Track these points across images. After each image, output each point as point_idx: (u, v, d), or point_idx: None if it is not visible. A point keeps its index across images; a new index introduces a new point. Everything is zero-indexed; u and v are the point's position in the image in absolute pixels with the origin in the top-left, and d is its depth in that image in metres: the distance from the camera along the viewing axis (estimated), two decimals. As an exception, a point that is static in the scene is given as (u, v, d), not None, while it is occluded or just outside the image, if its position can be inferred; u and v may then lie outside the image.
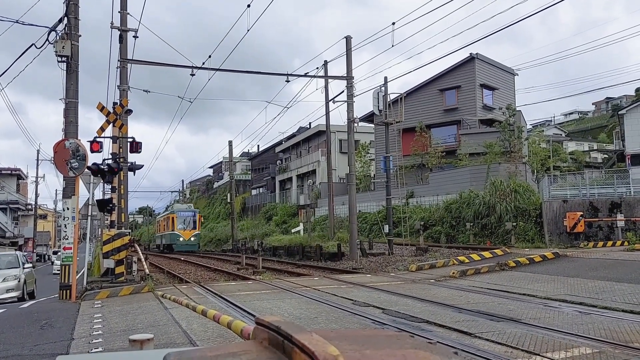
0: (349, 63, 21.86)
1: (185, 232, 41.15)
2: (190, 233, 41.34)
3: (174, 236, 41.23)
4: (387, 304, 9.89)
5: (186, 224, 41.66)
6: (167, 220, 44.08)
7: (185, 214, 42.29)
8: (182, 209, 44.66)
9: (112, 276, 14.36)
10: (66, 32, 13.74)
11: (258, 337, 1.17)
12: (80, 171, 13.39)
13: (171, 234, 41.74)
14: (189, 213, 42.70)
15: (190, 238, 41.21)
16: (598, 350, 6.13)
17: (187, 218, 41.98)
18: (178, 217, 41.73)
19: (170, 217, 42.56)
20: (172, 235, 41.39)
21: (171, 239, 41.65)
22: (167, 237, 43.18)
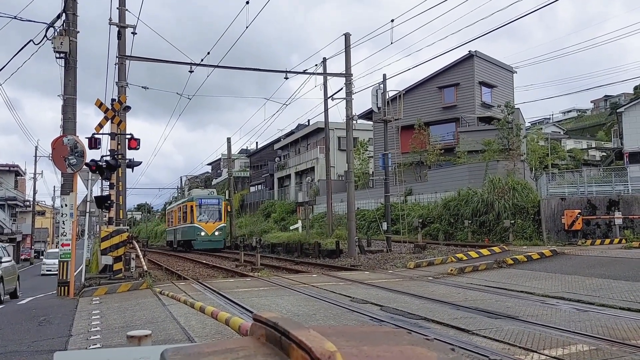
0: (348, 60, 21.83)
1: (208, 225, 33.45)
2: (214, 226, 33.51)
3: (193, 230, 33.48)
4: (385, 301, 9.90)
5: (209, 215, 34.05)
6: (184, 210, 36.16)
7: (208, 202, 34.54)
8: (204, 195, 36.49)
9: (111, 273, 14.35)
10: (64, 28, 13.71)
11: (256, 334, 1.17)
12: (78, 168, 13.38)
13: (190, 228, 34.12)
14: (213, 201, 34.96)
15: (215, 232, 33.33)
16: (595, 347, 6.15)
17: (210, 207, 34.32)
18: (199, 206, 33.89)
19: (189, 206, 34.56)
20: (191, 229, 33.72)
21: (190, 233, 34.00)
22: (185, 232, 35.63)
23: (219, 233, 33.77)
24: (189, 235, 34.16)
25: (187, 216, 34.75)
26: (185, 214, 35.45)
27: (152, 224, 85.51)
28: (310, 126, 48.18)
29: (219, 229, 33.82)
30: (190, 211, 34.24)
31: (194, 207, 33.84)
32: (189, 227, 34.44)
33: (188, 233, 34.52)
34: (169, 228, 44.45)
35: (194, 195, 37.01)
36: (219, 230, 33.85)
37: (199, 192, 39.81)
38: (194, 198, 35.09)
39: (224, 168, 61.87)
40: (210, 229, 33.40)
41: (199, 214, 33.73)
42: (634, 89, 57.35)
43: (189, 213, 34.39)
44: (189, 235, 34.16)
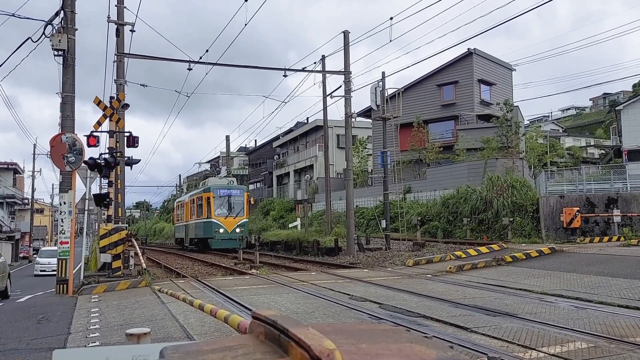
0: (347, 58, 21.82)
1: (228, 221, 28.06)
2: (234, 222, 28.14)
3: (209, 227, 28.12)
4: (384, 299, 9.91)
5: (229, 208, 28.62)
6: (198, 202, 30.62)
7: (227, 193, 29.11)
8: (222, 184, 30.65)
9: (109, 270, 14.35)
10: (62, 25, 13.68)
11: (254, 331, 1.18)
12: (77, 165, 13.37)
13: (205, 224, 28.69)
14: (234, 191, 29.40)
15: (235, 229, 27.93)
16: (594, 344, 6.17)
17: (230, 199, 28.94)
18: (216, 198, 28.48)
19: (204, 198, 29.07)
20: (207, 225, 28.36)
21: (205, 230, 28.64)
22: (199, 229, 30.23)
23: (241, 230, 28.15)
24: (205, 232, 28.66)
25: (203, 209, 29.20)
26: (200, 207, 29.83)
27: (150, 222, 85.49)
28: (309, 124, 48.16)
29: (240, 225, 28.30)
30: (206, 204, 28.60)
31: (210, 199, 28.17)
32: (204, 223, 28.84)
33: (203, 230, 29.02)
34: (179, 223, 38.29)
35: (211, 184, 30.41)
36: (241, 226, 28.33)
37: (216, 180, 33.03)
38: (210, 188, 29.02)
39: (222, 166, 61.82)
40: (230, 225, 27.94)
41: (216, 206, 28.25)
42: (633, 86, 57.40)
43: (205, 206, 28.76)
44: (205, 232, 28.66)
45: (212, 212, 28.06)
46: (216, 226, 27.85)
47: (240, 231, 28.06)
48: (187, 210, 33.88)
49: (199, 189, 32.66)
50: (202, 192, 29.99)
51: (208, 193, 28.73)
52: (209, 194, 28.53)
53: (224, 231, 27.68)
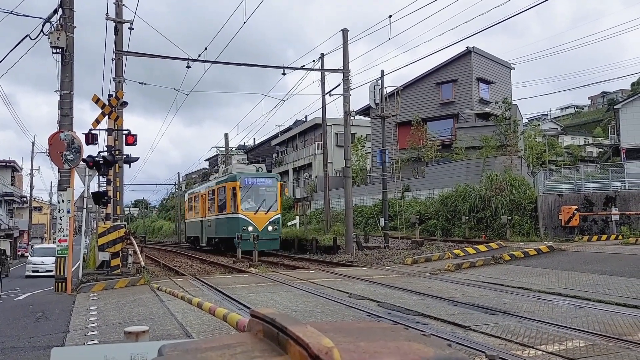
0: (346, 56, 21.81)
1: (259, 217, 23.16)
2: (266, 218, 23.34)
3: (236, 224, 22.90)
4: (383, 297, 9.92)
5: (259, 201, 23.66)
6: (220, 194, 25.33)
7: (257, 182, 24.01)
8: (250, 172, 25.30)
9: (108, 269, 14.34)
10: (61, 23, 13.66)
11: (253, 330, 1.18)
12: (75, 163, 13.36)
13: (230, 220, 23.55)
14: (265, 181, 24.40)
15: (267, 227, 23.16)
16: (592, 343, 6.18)
17: (261, 189, 23.94)
18: (244, 188, 23.40)
19: (229, 188, 24.01)
20: (233, 221, 23.16)
21: (231, 228, 23.33)
22: (221, 226, 24.98)
23: (274, 228, 23.37)
24: (230, 230, 23.22)
25: (226, 203, 24.15)
26: (223, 199, 24.81)
27: (149, 220, 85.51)
28: (308, 122, 48.15)
29: (273, 222, 23.43)
30: (231, 195, 23.65)
31: (237, 190, 23.09)
32: (229, 219, 23.69)
33: (228, 228, 23.67)
34: (192, 219, 32.63)
35: (237, 172, 24.91)
36: (273, 223, 23.45)
37: (242, 167, 27.65)
38: (237, 176, 23.66)
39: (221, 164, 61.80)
40: (262, 221, 23.03)
41: (244, 199, 23.24)
42: (632, 85, 57.45)
43: (229, 198, 23.78)
44: (230, 230, 23.22)
45: (239, 206, 22.86)
46: (244, 223, 22.59)
47: (273, 229, 23.27)
48: (204, 203, 28.63)
49: (220, 178, 26.70)
50: (225, 182, 24.62)
51: (234, 182, 23.38)
52: (235, 184, 23.23)
53: (253, 229, 22.19)
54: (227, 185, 24.32)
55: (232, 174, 24.66)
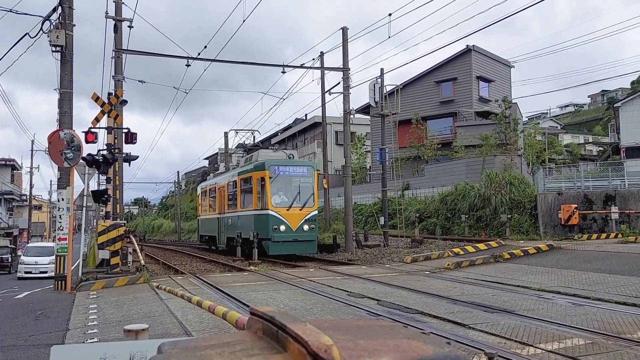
0: (345, 54, 21.80)
1: (292, 214, 19.42)
2: (301, 215, 19.54)
3: (265, 222, 19.27)
4: (382, 295, 9.93)
5: (292, 195, 19.86)
6: (245, 186, 21.55)
7: (290, 172, 20.18)
8: (281, 160, 21.39)
9: (108, 267, 14.35)
10: (60, 21, 13.64)
11: (252, 328, 1.18)
12: (75, 162, 13.36)
13: (258, 218, 19.74)
14: (301, 170, 20.49)
15: (302, 226, 19.47)
16: (591, 341, 6.19)
17: (295, 180, 20.15)
18: (275, 179, 19.66)
19: (255, 179, 20.14)
20: (262, 219, 19.47)
21: (259, 227, 19.45)
22: (246, 224, 20.91)
23: (310, 227, 19.67)
24: (258, 229, 19.28)
25: (253, 196, 20.28)
26: (248, 192, 20.94)
27: (149, 219, 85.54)
28: (308, 121, 48.15)
29: (309, 219, 19.61)
30: (258, 187, 19.83)
31: (266, 181, 19.33)
32: (256, 217, 19.85)
33: (255, 226, 19.71)
34: (206, 216, 28.53)
35: (265, 159, 20.89)
36: (310, 221, 19.65)
37: (270, 154, 22.93)
38: (266, 164, 19.77)
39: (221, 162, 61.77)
40: (296, 219, 19.32)
41: (275, 192, 19.53)
42: (631, 83, 57.45)
43: (256, 191, 19.97)
44: (258, 229, 19.28)
45: (269, 201, 19.03)
46: (275, 221, 18.93)
47: (309, 229, 19.52)
48: (222, 198, 24.56)
49: (244, 167, 22.35)
50: (251, 171, 20.51)
51: (262, 172, 19.49)
52: (264, 173, 19.35)
53: (286, 229, 18.89)
54: (253, 175, 20.24)
55: (259, 162, 20.42)
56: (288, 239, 19.08)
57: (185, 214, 63.55)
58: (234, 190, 22.80)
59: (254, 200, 20.20)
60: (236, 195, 22.45)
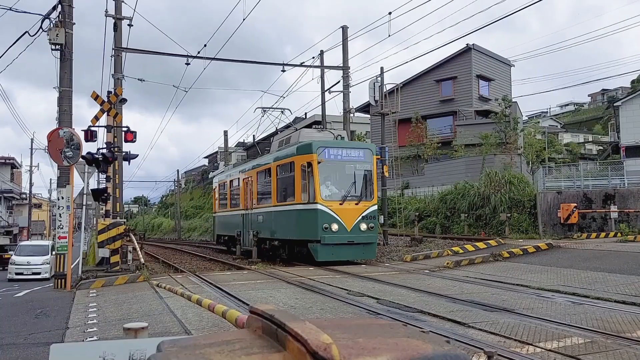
0: (345, 53, 21.79)
1: (347, 210, 15.64)
2: (358, 211, 15.78)
3: (312, 219, 15.39)
4: (382, 294, 9.93)
5: (348, 186, 16.03)
6: (282, 174, 17.38)
7: (345, 156, 16.26)
8: (329, 141, 17.23)
9: (107, 265, 14.37)
10: (60, 19, 13.63)
11: (252, 326, 1.18)
12: (74, 160, 13.36)
13: (303, 214, 15.91)
14: (357, 153, 16.46)
15: (359, 225, 15.64)
16: (590, 340, 6.19)
17: (350, 167, 16.35)
18: (325, 165, 15.74)
19: (299, 165, 16.01)
20: (308, 216, 15.61)
21: (304, 226, 15.82)
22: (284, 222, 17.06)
23: (369, 227, 15.72)
24: (301, 229, 15.82)
25: (294, 187, 16.12)
26: (287, 182, 16.71)
27: (149, 217, 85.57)
28: (307, 119, 48.10)
29: (367, 216, 15.72)
30: (303, 176, 15.72)
31: (313, 167, 15.34)
32: (300, 213, 15.90)
33: (297, 225, 16.03)
34: (225, 213, 24.07)
35: (312, 139, 16.86)
36: (368, 219, 15.73)
37: (314, 134, 18.34)
38: (313, 146, 15.75)
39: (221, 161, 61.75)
40: (351, 216, 15.45)
41: (324, 181, 15.59)
42: (632, 82, 57.45)
43: (299, 180, 15.84)
44: (301, 229, 15.82)
45: (318, 192, 15.00)
46: (326, 219, 14.95)
47: (367, 228, 15.49)
48: (248, 190, 20.03)
49: (282, 150, 17.82)
50: (293, 155, 16.24)
51: (308, 155, 15.39)
52: (311, 157, 15.26)
53: (339, 229, 15.01)
54: (295, 160, 15.90)
55: (304, 144, 16.18)
56: (342, 241, 15.10)
57: (185, 213, 63.62)
58: (267, 180, 18.41)
59: (296, 192, 15.89)
60: (270, 186, 17.99)
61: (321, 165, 15.43)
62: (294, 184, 16.20)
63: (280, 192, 17.35)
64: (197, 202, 67.01)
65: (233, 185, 23.15)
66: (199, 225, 56.01)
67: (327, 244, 15.06)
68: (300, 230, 15.89)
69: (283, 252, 17.15)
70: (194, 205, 67.08)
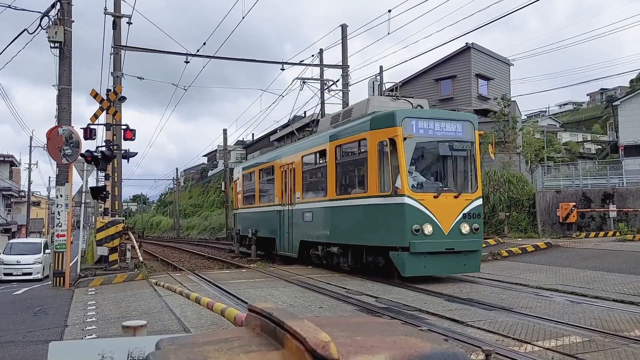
0: (345, 52, 21.78)
1: (443, 204, 10.99)
2: (457, 207, 11.12)
3: (397, 216, 10.91)
4: (380, 293, 9.94)
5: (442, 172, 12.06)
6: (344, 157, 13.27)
7: (438, 131, 11.44)
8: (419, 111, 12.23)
9: (106, 263, 14.36)
10: (59, 17, 13.61)
11: (250, 324, 1.18)
12: (73, 158, 13.35)
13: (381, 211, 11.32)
14: (453, 128, 11.56)
15: (459, 226, 11.01)
16: (588, 339, 6.20)
17: (444, 147, 11.61)
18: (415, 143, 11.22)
19: (375, 142, 11.46)
20: (389, 212, 11.10)
21: (384, 225, 11.29)
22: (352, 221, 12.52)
23: (472, 228, 11.29)
24: (379, 231, 11.58)
25: (368, 174, 11.86)
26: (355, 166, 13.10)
27: (147, 215, 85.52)
28: (307, 118, 48.08)
29: (470, 214, 11.36)
30: (381, 158, 11.53)
31: (398, 145, 10.97)
32: (375, 209, 11.65)
33: (372, 225, 11.80)
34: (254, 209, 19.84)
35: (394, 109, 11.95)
36: (471, 217, 11.37)
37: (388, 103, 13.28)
38: (396, 117, 11.18)
39: (220, 159, 61.71)
40: (449, 215, 11.14)
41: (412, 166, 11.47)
42: (630, 82, 57.47)
43: (374, 163, 11.68)
44: (379, 231, 11.58)
45: (404, 181, 10.95)
46: (416, 217, 10.88)
47: (472, 231, 11.27)
48: (287, 179, 16.15)
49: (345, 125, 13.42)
50: (364, 130, 12.09)
51: (390, 130, 11.28)
52: (394, 132, 11.14)
53: (434, 231, 10.94)
54: (369, 137, 11.79)
55: (382, 114, 11.73)
56: (438, 248, 10.88)
57: (183, 211, 63.61)
58: (319, 167, 14.28)
59: (369, 181, 11.59)
60: (324, 174, 13.70)
61: (408, 143, 10.92)
62: (365, 170, 11.88)
63: (342, 182, 13.21)
64: (196, 201, 67.00)
65: (264, 176, 18.86)
66: (197, 223, 56.03)
67: (418, 253, 10.62)
68: (376, 233, 11.42)
69: (343, 261, 12.96)
70: (192, 203, 67.06)
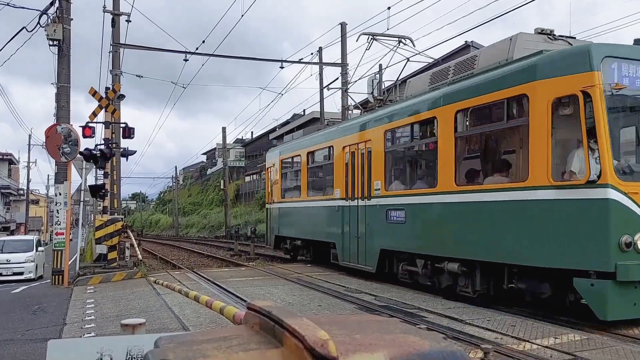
0: (344, 50, 21.77)
1: None
2: None
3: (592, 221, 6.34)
4: (379, 291, 9.95)
5: None
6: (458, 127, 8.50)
7: None
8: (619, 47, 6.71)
9: (105, 262, 14.36)
10: (58, 15, 13.58)
11: (249, 322, 1.18)
12: (72, 156, 13.33)
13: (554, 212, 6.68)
14: None
15: None
16: (587, 337, 6.21)
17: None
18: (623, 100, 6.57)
19: (543, 100, 6.69)
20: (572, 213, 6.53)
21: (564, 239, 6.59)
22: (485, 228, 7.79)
23: None
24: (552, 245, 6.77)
25: (530, 148, 7.04)
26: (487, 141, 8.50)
27: (146, 213, 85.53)
28: (306, 116, 48.11)
29: None
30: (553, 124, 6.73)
31: (594, 100, 6.28)
32: (545, 207, 6.82)
33: (534, 235, 7.00)
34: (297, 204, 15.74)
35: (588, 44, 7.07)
36: None
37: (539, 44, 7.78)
38: (591, 55, 6.34)
39: (219, 157, 61.69)
40: None
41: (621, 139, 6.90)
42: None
43: (544, 133, 6.76)
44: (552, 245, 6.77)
45: (606, 160, 6.26)
46: (628, 222, 6.30)
47: None
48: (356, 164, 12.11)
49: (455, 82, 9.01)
50: (525, 81, 7.13)
51: (583, 76, 6.44)
52: (590, 79, 6.39)
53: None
54: (535, 90, 7.05)
55: (562, 51, 7.24)
56: None
57: (182, 209, 63.61)
58: (422, 143, 10.40)
59: (533, 163, 7.11)
60: (434, 155, 9.37)
61: (612, 100, 6.59)
62: (519, 145, 7.87)
63: (467, 165, 8.90)
64: (195, 199, 67.03)
65: (317, 160, 15.14)
66: (196, 221, 56.06)
67: (629, 283, 6.37)
68: (542, 247, 7.04)
69: (465, 284, 8.62)
70: (192, 201, 67.08)
